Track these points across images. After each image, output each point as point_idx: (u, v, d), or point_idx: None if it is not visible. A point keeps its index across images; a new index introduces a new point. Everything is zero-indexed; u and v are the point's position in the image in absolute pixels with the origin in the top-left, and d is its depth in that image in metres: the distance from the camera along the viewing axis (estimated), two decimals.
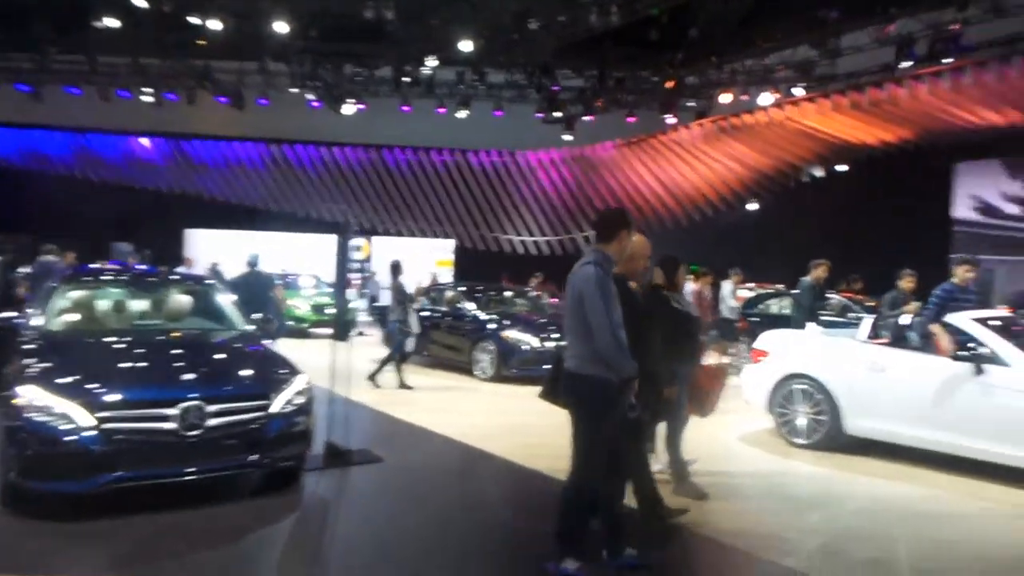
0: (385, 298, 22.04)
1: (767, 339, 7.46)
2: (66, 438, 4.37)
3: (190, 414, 4.62)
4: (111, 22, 17.30)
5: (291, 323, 15.86)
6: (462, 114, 20.47)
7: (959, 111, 16.35)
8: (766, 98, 17.44)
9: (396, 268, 10.23)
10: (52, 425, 4.38)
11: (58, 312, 5.79)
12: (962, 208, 18.89)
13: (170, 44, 19.99)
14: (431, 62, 18.01)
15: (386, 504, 5.17)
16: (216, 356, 5.62)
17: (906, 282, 7.99)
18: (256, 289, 11.62)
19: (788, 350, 7.23)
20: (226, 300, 6.73)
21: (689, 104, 19.15)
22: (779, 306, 12.79)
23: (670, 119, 19.69)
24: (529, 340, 10.46)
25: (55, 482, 4.43)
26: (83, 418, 4.41)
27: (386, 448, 6.48)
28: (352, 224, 6.11)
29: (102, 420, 4.43)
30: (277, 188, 22.20)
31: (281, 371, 5.38)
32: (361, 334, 17.21)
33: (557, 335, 10.67)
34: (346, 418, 6.15)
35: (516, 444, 6.80)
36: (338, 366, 6.19)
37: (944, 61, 14.71)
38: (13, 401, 4.47)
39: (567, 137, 20.65)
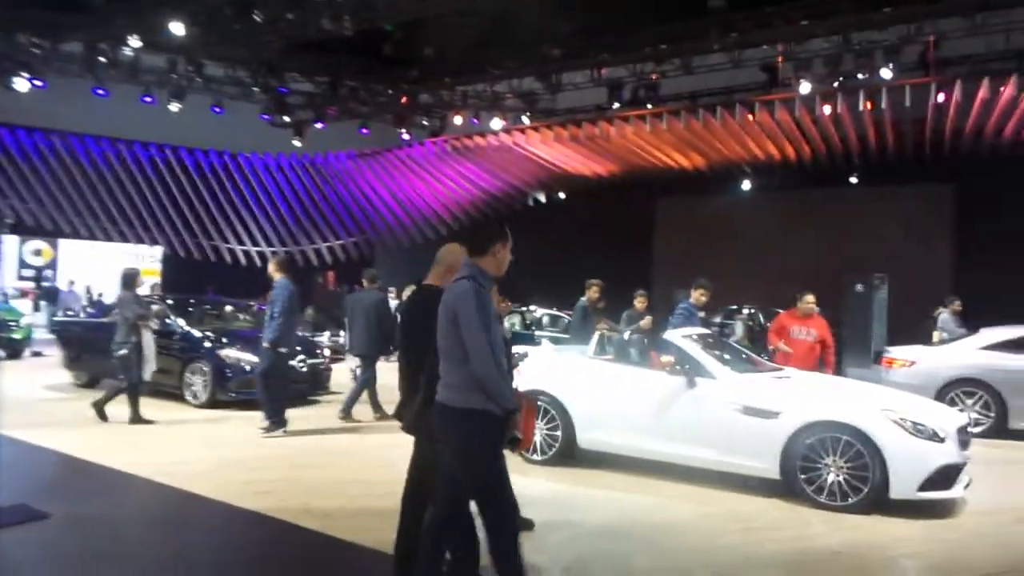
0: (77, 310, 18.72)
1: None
2: None
3: None
4: None
5: None
6: (175, 107, 18.20)
7: (657, 152, 18.43)
8: (496, 123, 18.07)
9: (130, 279, 8.33)
10: None
11: None
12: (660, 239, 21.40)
13: None
14: (135, 43, 15.72)
15: None
16: None
17: (639, 301, 8.72)
18: None
19: (526, 367, 7.19)
20: None
21: (424, 122, 19.17)
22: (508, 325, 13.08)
23: (404, 135, 19.53)
24: (252, 359, 9.29)
25: None
26: None
27: (57, 499, 5.10)
28: (4, 216, 4.68)
29: None
30: None
31: None
32: (38, 354, 14.36)
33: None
34: (5, 465, 4.70)
35: (234, 481, 5.81)
36: None
37: (647, 106, 16.54)
38: None
39: (296, 143, 19.46)
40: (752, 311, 16.43)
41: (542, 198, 21.67)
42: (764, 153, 17.59)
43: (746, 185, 19.73)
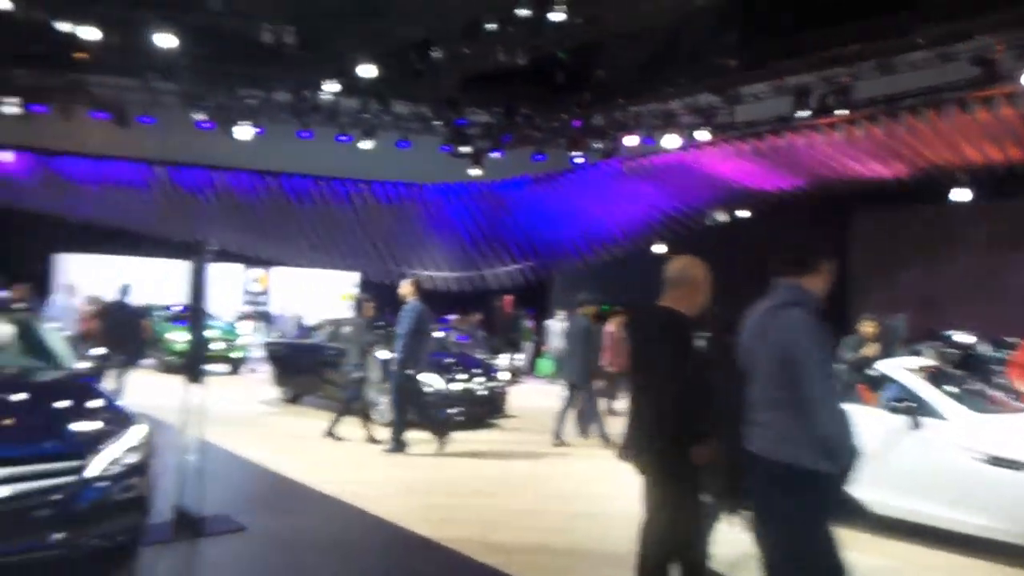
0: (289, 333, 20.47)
1: None
2: None
3: None
4: None
5: (172, 358, 14.29)
6: (366, 144, 19.48)
7: (851, 162, 16.78)
8: (671, 140, 17.40)
9: (361, 306, 8.54)
10: None
11: None
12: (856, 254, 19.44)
13: (40, 54, 18.12)
14: (332, 87, 17.02)
15: None
16: (17, 405, 4.30)
17: (869, 326, 7.82)
18: (120, 320, 10.42)
19: None
20: (52, 332, 5.44)
21: (597, 145, 18.97)
22: None
23: (578, 158, 19.43)
24: (432, 381, 9.43)
25: None
26: None
27: (253, 513, 5.32)
28: (208, 246, 4.97)
29: None
30: (161, 213, 20.34)
31: (108, 422, 4.18)
32: (254, 371, 15.78)
33: (464, 376, 9.77)
34: (208, 475, 4.97)
35: (416, 506, 5.79)
36: (205, 410, 5.01)
37: (837, 113, 15.10)
38: None
39: (474, 172, 20.02)
40: (972, 340, 14.10)
41: (722, 217, 20.58)
42: (983, 157, 15.38)
43: (960, 194, 17.38)
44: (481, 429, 9.59)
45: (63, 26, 15.29)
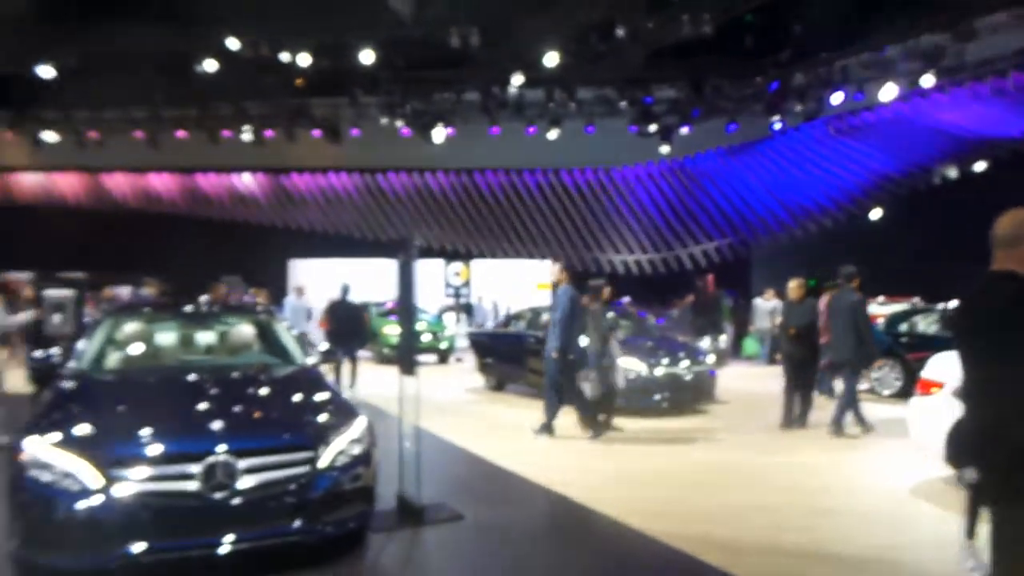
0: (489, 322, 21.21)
1: (940, 365, 5.78)
2: (71, 503, 3.46)
3: (216, 471, 3.65)
4: (210, 65, 17.56)
5: (387, 351, 15.29)
6: (553, 134, 19.50)
7: None
8: (887, 92, 15.42)
9: (596, 291, 8.09)
10: (55, 486, 3.50)
11: (95, 350, 5.03)
12: None
13: (267, 85, 20.21)
14: (517, 80, 17.16)
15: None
16: (258, 399, 4.61)
17: None
18: (345, 317, 11.36)
19: None
20: (285, 331, 5.84)
21: (797, 107, 17.38)
22: (927, 323, 10.85)
23: (776, 123, 17.96)
24: (635, 366, 9.10)
25: (60, 557, 3.51)
26: (91, 478, 3.51)
27: (469, 501, 5.34)
28: (415, 243, 5.01)
29: (114, 480, 3.52)
30: (372, 216, 21.87)
31: (334, 415, 4.35)
32: (460, 360, 16.44)
33: (667, 360, 9.31)
34: (424, 462, 5.08)
35: (629, 497, 5.50)
36: (418, 399, 5.12)
37: None
38: (16, 457, 3.64)
39: (664, 149, 19.28)
40: None
41: (952, 173, 17.97)
42: None
43: None
44: (689, 416, 9.10)
45: (284, 57, 16.92)
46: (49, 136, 22.09)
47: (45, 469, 3.54)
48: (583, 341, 7.89)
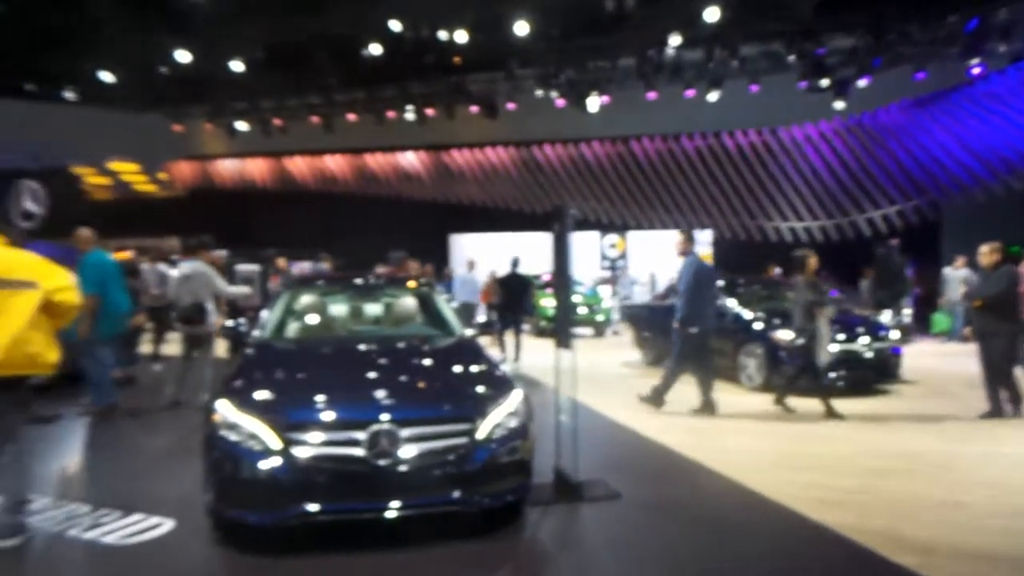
0: (638, 295, 20.77)
1: None
2: (252, 462, 3.73)
3: (380, 439, 3.77)
4: (376, 48, 18.35)
5: (544, 323, 15.38)
6: (713, 95, 18.47)
7: None
8: None
9: (800, 263, 7.53)
10: (241, 446, 3.78)
11: (275, 320, 5.40)
12: None
13: (427, 65, 20.84)
14: (675, 41, 16.35)
15: (620, 560, 3.86)
16: (420, 370, 4.72)
17: None
18: (514, 289, 11.68)
19: None
20: (444, 303, 5.96)
21: (1000, 48, 15.13)
22: None
23: (975, 67, 15.78)
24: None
25: (243, 510, 3.80)
26: (271, 440, 3.75)
27: (626, 478, 5.19)
28: (569, 213, 4.84)
29: (290, 443, 3.74)
30: (528, 189, 22.00)
31: (492, 387, 4.36)
32: (617, 333, 16.25)
33: (844, 335, 8.54)
34: (582, 437, 4.99)
35: (792, 482, 5.09)
36: (574, 373, 5.03)
37: None
38: (211, 417, 3.97)
39: (838, 105, 17.62)
40: None
41: None
42: None
43: None
44: (869, 397, 8.31)
45: (442, 35, 17.31)
46: (240, 125, 24.28)
47: (233, 430, 3.83)
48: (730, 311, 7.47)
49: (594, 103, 19.74)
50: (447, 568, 3.66)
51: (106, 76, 20.56)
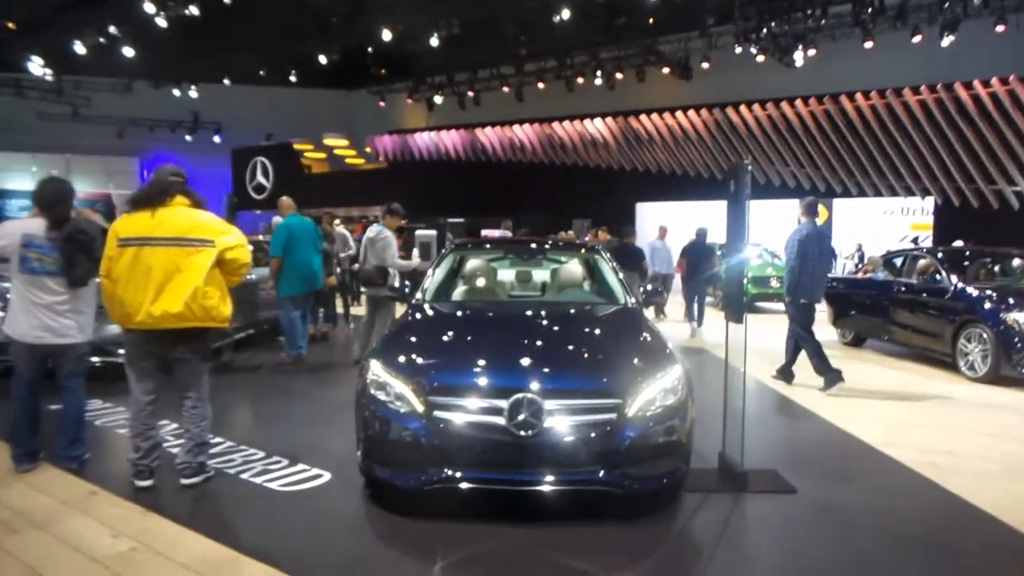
0: (843, 269, 18.77)
1: None
2: (398, 423, 3.71)
3: (522, 409, 3.57)
4: (567, 14, 18.06)
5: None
6: (947, 40, 15.94)
7: None
8: None
9: None
10: (388, 406, 3.77)
11: (436, 283, 5.41)
12: None
13: (620, 27, 20.16)
14: None
15: (781, 567, 3.35)
16: (574, 339, 4.43)
17: None
18: (696, 259, 11.26)
19: None
20: (610, 270, 5.61)
21: None
22: None
23: None
24: None
25: (389, 472, 3.80)
26: (415, 403, 3.71)
27: (804, 472, 4.57)
28: (746, 171, 4.22)
29: (433, 407, 3.67)
30: (722, 154, 20.66)
31: (648, 361, 3.99)
32: None
33: None
34: (756, 420, 4.45)
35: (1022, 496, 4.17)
36: (744, 349, 4.50)
37: None
38: (363, 375, 4.02)
39: None
40: None
41: None
42: None
43: None
44: None
45: None
46: (437, 99, 25.30)
47: (382, 389, 3.84)
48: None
49: (799, 57, 17.96)
50: (586, 551, 3.40)
51: (322, 59, 22.31)
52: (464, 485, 3.59)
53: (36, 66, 22.69)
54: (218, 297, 4.06)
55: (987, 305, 7.58)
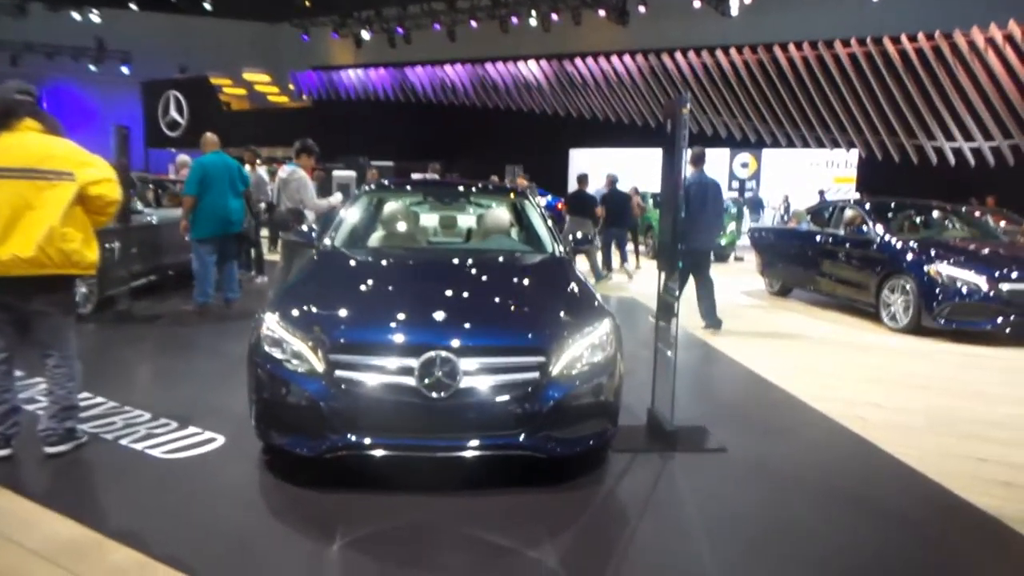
0: (769, 219, 19.00)
1: None
2: (295, 384, 3.26)
3: (435, 368, 3.18)
4: None
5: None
6: None
7: None
8: None
9: None
10: (284, 366, 3.32)
11: (348, 227, 4.89)
12: None
13: None
14: None
15: (709, 530, 3.13)
16: (493, 291, 4.04)
17: None
18: (614, 206, 11.08)
19: None
20: (539, 216, 5.22)
21: None
22: None
23: None
24: (971, 279, 7.08)
25: (283, 436, 3.37)
26: (314, 361, 3.27)
27: (736, 429, 4.39)
28: (681, 115, 3.85)
29: (334, 366, 3.24)
30: (656, 101, 20.40)
31: (575, 315, 3.66)
32: (740, 259, 15.00)
33: (1017, 274, 7.09)
34: (685, 373, 4.21)
35: (956, 454, 4.10)
36: (677, 301, 4.21)
37: None
38: (257, 329, 3.52)
39: None
40: None
41: None
42: None
43: None
44: None
45: None
46: (365, 34, 23.99)
47: (277, 347, 3.38)
48: None
49: (736, 5, 17.69)
50: (505, 523, 3.09)
51: None
52: (371, 452, 3.20)
53: None
54: (80, 240, 3.47)
55: (910, 256, 7.60)
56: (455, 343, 3.26)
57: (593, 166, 17.81)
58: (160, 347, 6.17)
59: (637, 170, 17.80)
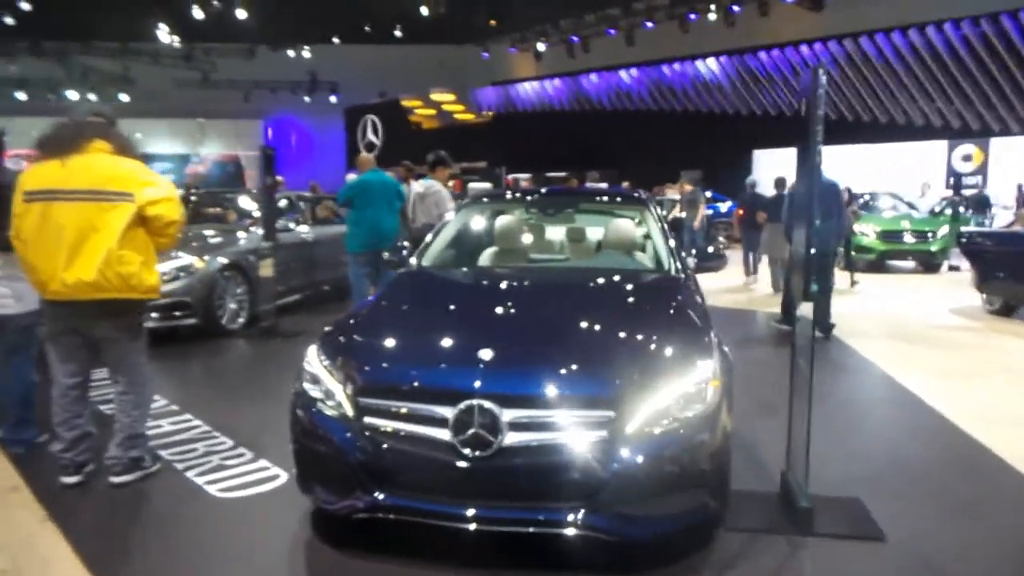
0: (1001, 219, 15.83)
1: None
2: (323, 429, 2.78)
3: (472, 421, 2.56)
4: None
5: (855, 254, 12.37)
6: None
7: None
8: None
9: None
10: (315, 406, 2.85)
11: (440, 244, 4.39)
12: None
13: None
14: None
15: None
16: (565, 322, 3.18)
17: None
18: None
19: None
20: (658, 230, 4.36)
21: None
22: None
23: None
24: None
25: (313, 488, 2.88)
26: (345, 405, 2.78)
27: (905, 502, 3.24)
28: (820, 80, 2.80)
29: (363, 411, 2.73)
30: (855, 92, 17.98)
31: (667, 354, 2.83)
32: (955, 268, 12.60)
33: None
34: (860, 418, 3.14)
35: None
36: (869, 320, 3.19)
37: None
38: (303, 364, 3.11)
39: None
40: None
41: None
42: None
43: None
44: None
45: None
46: (541, 46, 23.90)
47: (314, 383, 2.94)
48: None
49: None
50: None
51: (424, 11, 21.50)
52: (396, 516, 2.65)
53: (163, 33, 23.52)
54: (139, 263, 3.30)
55: None
56: (497, 390, 2.60)
57: (780, 168, 16.03)
58: (284, 366, 6.13)
59: (842, 171, 15.75)
